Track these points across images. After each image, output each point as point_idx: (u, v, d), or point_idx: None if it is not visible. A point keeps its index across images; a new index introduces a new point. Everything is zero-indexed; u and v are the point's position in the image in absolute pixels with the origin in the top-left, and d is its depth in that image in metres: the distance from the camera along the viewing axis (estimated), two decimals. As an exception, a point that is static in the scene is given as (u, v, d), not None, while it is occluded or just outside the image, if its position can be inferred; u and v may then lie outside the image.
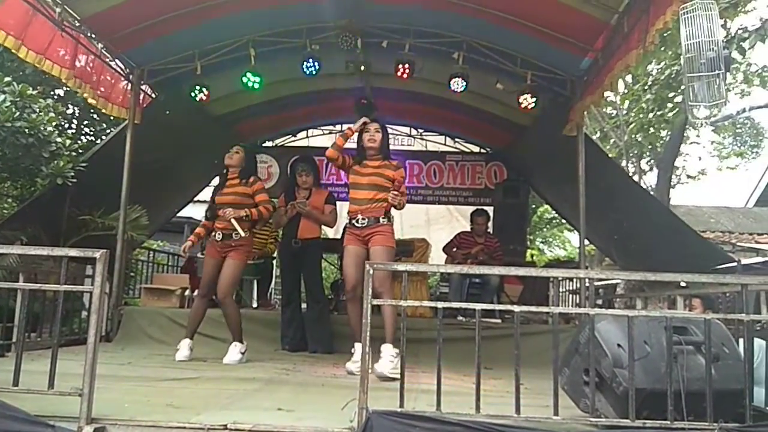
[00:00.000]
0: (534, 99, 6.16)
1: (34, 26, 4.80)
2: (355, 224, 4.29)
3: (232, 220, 4.61)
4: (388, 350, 4.02)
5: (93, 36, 5.56)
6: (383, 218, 4.28)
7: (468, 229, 7.36)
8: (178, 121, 6.77)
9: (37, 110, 5.12)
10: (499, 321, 6.31)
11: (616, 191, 7.08)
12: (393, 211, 4.38)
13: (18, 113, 4.93)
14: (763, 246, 11.03)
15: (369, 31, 6.05)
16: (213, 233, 4.77)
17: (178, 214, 9.58)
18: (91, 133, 8.20)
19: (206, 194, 7.73)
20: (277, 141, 10.01)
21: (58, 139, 5.47)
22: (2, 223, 5.88)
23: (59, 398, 2.47)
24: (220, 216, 4.72)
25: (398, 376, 2.58)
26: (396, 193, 4.21)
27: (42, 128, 5.11)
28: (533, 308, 2.87)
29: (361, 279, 4.30)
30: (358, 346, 4.15)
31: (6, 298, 4.40)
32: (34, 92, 5.25)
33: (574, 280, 7.93)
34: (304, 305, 5.77)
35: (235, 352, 4.63)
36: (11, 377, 2.53)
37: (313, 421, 2.54)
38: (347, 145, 4.48)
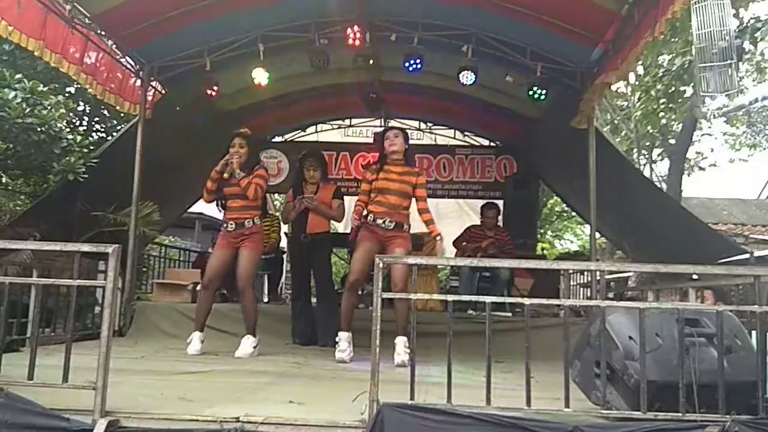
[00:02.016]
0: (544, 91, 6.13)
1: (50, 26, 4.84)
2: (380, 225, 4.49)
3: (234, 163, 4.59)
4: (401, 341, 4.30)
5: (103, 33, 5.58)
6: (406, 225, 4.56)
7: (478, 222, 7.34)
8: (188, 117, 6.80)
9: (48, 107, 5.15)
10: (509, 314, 6.31)
11: (626, 184, 7.04)
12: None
13: (29, 110, 4.96)
14: (776, 238, 10.92)
15: (377, 25, 6.04)
16: (224, 224, 4.74)
17: (189, 210, 9.64)
18: (102, 129, 8.28)
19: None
20: (287, 136, 10.03)
21: (69, 136, 5.51)
22: (16, 220, 5.95)
23: (73, 392, 2.50)
24: (230, 207, 4.70)
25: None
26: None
27: (53, 124, 5.14)
28: (544, 301, 2.86)
29: (365, 275, 4.46)
30: (342, 334, 4.50)
31: (20, 295, 4.45)
32: (45, 89, 5.28)
33: (586, 273, 7.90)
34: (314, 299, 5.79)
35: (247, 345, 4.65)
36: (26, 371, 2.56)
37: (324, 413, 2.55)
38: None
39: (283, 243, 7.61)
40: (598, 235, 7.11)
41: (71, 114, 6.67)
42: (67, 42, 5.06)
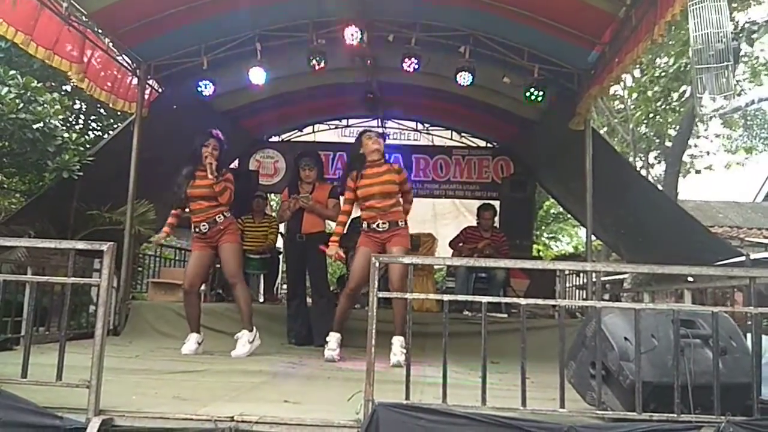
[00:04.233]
0: (541, 93, 6.13)
1: (42, 22, 4.82)
2: (376, 228, 4.50)
3: (213, 164, 4.58)
4: (398, 341, 4.30)
5: (100, 31, 5.57)
6: (401, 221, 4.54)
7: (475, 223, 7.34)
8: (184, 116, 6.77)
9: (43, 103, 5.13)
10: (505, 315, 6.31)
11: (623, 185, 7.05)
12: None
13: (22, 105, 4.94)
14: (771, 241, 10.95)
15: (375, 25, 6.04)
16: (194, 228, 4.69)
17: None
18: (99, 128, 8.24)
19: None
20: (284, 136, 10.02)
21: (65, 134, 5.49)
22: (11, 218, 5.92)
23: (67, 390, 2.49)
24: (195, 209, 4.67)
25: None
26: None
27: (48, 121, 5.12)
28: (539, 301, 2.86)
29: (365, 282, 4.46)
30: (332, 334, 4.55)
31: (15, 293, 4.44)
32: (39, 85, 5.26)
33: (581, 275, 7.91)
34: (309, 299, 5.78)
35: (243, 342, 4.62)
36: (20, 370, 2.55)
37: (319, 413, 2.55)
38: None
39: (279, 243, 7.60)
40: (593, 237, 7.12)
41: (67, 112, 6.63)
42: (61, 38, 5.04)
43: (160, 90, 6.63)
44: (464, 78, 6.15)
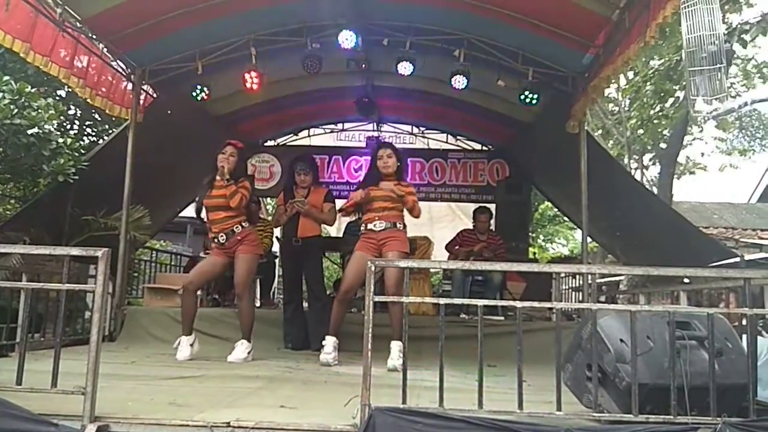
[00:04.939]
0: (536, 96, 6.15)
1: (39, 29, 4.81)
2: (373, 228, 4.56)
3: (225, 168, 4.59)
4: (397, 345, 4.32)
5: (94, 37, 5.56)
6: (399, 224, 4.60)
7: (471, 227, 7.35)
8: (179, 120, 6.77)
9: (37, 108, 5.13)
10: (502, 318, 6.32)
11: (617, 188, 7.08)
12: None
13: (17, 111, 4.93)
14: (766, 242, 11.00)
15: (370, 29, 6.05)
16: (213, 239, 4.70)
17: (180, 214, 9.60)
18: (93, 133, 8.23)
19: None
20: (279, 140, 10.02)
21: (60, 139, 5.48)
22: (5, 224, 5.90)
23: (62, 397, 2.48)
24: (213, 219, 4.67)
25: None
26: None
27: (42, 126, 5.12)
28: (535, 304, 2.86)
29: (357, 286, 4.48)
30: (328, 338, 4.58)
31: (9, 299, 4.42)
32: (33, 90, 5.25)
33: (577, 277, 7.92)
34: (306, 304, 5.77)
35: (241, 350, 4.62)
36: (15, 376, 2.54)
37: (316, 418, 2.54)
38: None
39: (275, 247, 7.59)
40: (589, 239, 7.14)
41: (62, 117, 6.62)
42: (56, 45, 5.02)
43: (155, 95, 6.62)
44: (459, 81, 6.16)
